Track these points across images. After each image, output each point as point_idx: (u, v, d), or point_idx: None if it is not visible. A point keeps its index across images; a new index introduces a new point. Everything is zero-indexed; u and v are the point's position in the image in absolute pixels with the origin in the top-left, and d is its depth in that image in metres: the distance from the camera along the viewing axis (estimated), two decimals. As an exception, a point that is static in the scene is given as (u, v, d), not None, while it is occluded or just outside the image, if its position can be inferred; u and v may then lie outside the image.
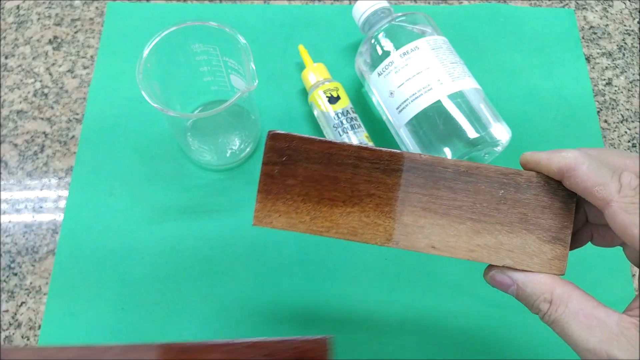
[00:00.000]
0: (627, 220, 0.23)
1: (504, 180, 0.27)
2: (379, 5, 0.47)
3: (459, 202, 0.27)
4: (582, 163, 0.24)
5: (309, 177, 0.27)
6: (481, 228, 0.27)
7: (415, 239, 0.27)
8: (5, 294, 0.43)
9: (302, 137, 0.27)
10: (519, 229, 0.27)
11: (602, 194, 0.24)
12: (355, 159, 0.27)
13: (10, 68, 0.52)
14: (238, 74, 0.44)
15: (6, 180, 0.47)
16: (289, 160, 0.27)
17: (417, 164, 0.27)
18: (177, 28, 0.41)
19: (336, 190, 0.27)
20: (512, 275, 0.26)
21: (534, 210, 0.27)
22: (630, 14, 0.57)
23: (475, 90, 0.42)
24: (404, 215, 0.27)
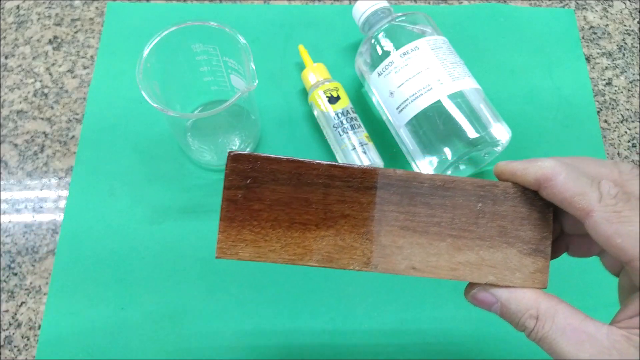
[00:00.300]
0: (610, 230, 0.22)
1: (481, 193, 0.26)
2: (379, 5, 0.47)
3: (437, 218, 0.26)
4: (560, 173, 0.24)
5: (277, 200, 0.25)
6: (462, 244, 0.26)
7: (395, 260, 0.25)
8: (5, 294, 0.43)
9: (267, 157, 0.25)
10: (499, 242, 0.26)
11: (582, 204, 0.23)
12: (326, 177, 0.25)
13: (10, 68, 0.52)
14: (238, 74, 0.44)
15: (6, 180, 0.47)
16: (253, 183, 0.25)
17: (392, 180, 0.26)
18: (177, 28, 0.41)
19: (308, 213, 0.25)
20: (494, 293, 0.25)
21: (513, 222, 0.26)
22: (630, 14, 0.57)
23: (475, 90, 0.42)
24: (381, 235, 0.25)
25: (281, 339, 0.41)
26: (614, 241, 0.22)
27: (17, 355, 0.41)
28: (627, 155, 0.49)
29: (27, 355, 0.41)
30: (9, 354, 0.41)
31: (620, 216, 0.22)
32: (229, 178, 0.25)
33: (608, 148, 0.49)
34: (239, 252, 0.25)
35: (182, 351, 0.41)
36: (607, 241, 0.22)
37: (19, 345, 0.41)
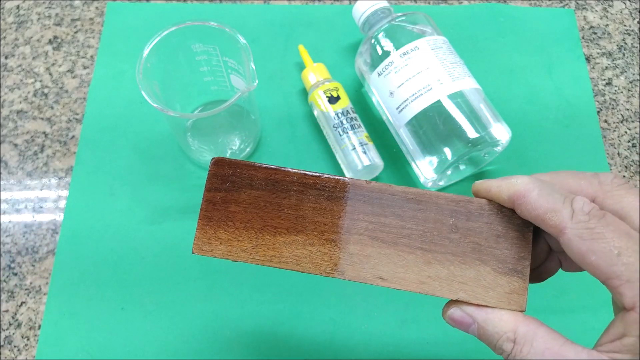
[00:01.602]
0: (583, 247, 0.21)
1: (455, 208, 0.26)
2: (379, 5, 0.47)
3: (408, 230, 0.26)
4: (532, 190, 0.23)
5: (252, 203, 0.26)
6: (432, 258, 0.25)
7: (362, 269, 0.25)
8: (5, 294, 0.43)
9: (246, 164, 0.27)
10: (472, 259, 0.25)
11: (555, 221, 0.22)
12: (300, 185, 0.26)
13: (10, 68, 0.52)
14: (238, 74, 0.44)
15: (6, 180, 0.47)
16: (232, 187, 0.27)
17: (364, 190, 0.26)
18: (177, 28, 0.41)
19: (280, 218, 0.26)
20: (471, 313, 0.25)
21: (488, 239, 0.25)
22: (630, 14, 0.57)
23: (475, 90, 0.42)
24: (350, 243, 0.26)
25: (281, 339, 0.41)
26: (589, 259, 0.21)
27: (17, 355, 0.41)
28: (627, 155, 0.49)
29: (27, 355, 0.41)
30: (9, 354, 0.41)
31: (593, 233, 0.21)
32: (210, 180, 0.27)
33: (608, 148, 0.49)
34: (213, 249, 0.26)
35: (182, 351, 0.41)
36: (582, 259, 0.22)
37: (19, 345, 0.41)
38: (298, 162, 0.48)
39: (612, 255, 0.21)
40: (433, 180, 0.43)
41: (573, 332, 0.41)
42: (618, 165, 0.48)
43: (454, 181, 0.47)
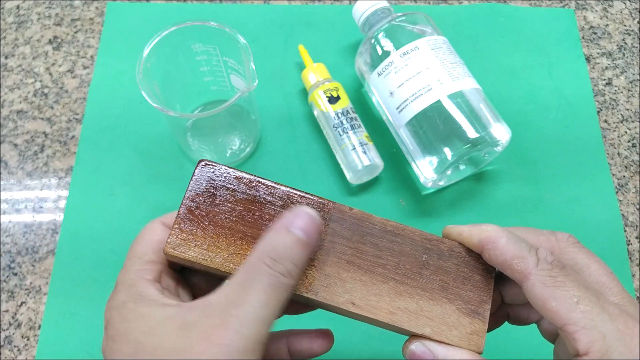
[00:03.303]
0: (545, 293, 0.23)
1: (428, 246, 0.27)
2: (379, 5, 0.47)
3: (384, 260, 0.26)
4: (501, 237, 0.25)
5: (235, 211, 0.26)
6: (403, 290, 0.26)
7: (336, 292, 0.26)
8: (5, 294, 0.43)
9: (231, 171, 0.27)
10: (440, 296, 0.26)
11: (521, 267, 0.24)
12: (284, 202, 0.27)
13: (10, 68, 0.52)
14: (238, 74, 0.44)
15: (6, 180, 0.47)
16: (216, 191, 0.26)
17: (346, 216, 0.27)
18: (177, 28, 0.41)
19: (260, 229, 0.26)
20: (433, 349, 0.25)
21: (455, 279, 0.26)
22: (630, 14, 0.57)
23: (475, 90, 0.42)
24: (326, 265, 0.26)
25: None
26: (549, 304, 0.23)
27: (17, 355, 0.41)
28: (627, 155, 0.49)
29: (27, 355, 0.41)
30: (9, 354, 0.41)
31: (556, 281, 0.23)
32: (195, 182, 0.27)
33: (608, 148, 0.49)
34: (187, 251, 0.25)
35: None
36: (542, 304, 0.23)
37: (19, 345, 0.41)
38: (298, 162, 0.48)
39: (571, 302, 0.22)
40: (433, 180, 0.43)
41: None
42: (618, 165, 0.48)
43: (454, 181, 0.47)
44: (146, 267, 0.25)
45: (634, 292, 0.43)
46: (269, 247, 0.23)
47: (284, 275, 0.23)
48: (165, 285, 0.25)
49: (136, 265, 0.25)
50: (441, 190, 0.47)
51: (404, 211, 0.46)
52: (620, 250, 0.45)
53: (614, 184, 0.47)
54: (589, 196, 0.47)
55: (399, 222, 0.27)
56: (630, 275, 0.44)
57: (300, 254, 0.24)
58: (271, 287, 0.22)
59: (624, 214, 0.46)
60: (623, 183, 0.48)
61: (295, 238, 0.23)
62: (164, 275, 0.26)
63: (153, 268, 0.25)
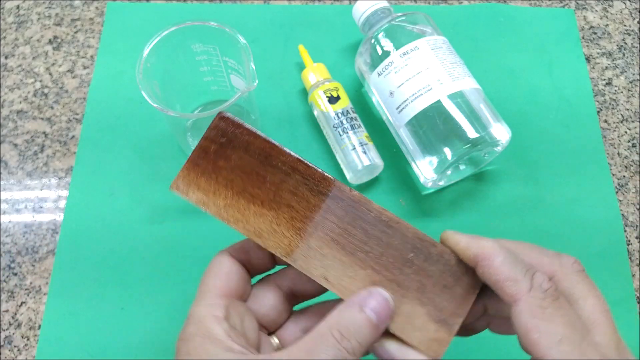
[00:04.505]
0: (530, 323, 0.22)
1: (418, 245, 0.26)
2: (379, 5, 0.47)
3: (368, 247, 0.26)
4: (498, 255, 0.24)
5: (240, 166, 0.27)
6: (378, 280, 0.26)
7: (313, 265, 0.26)
8: (5, 294, 0.43)
9: (248, 129, 0.27)
10: (413, 297, 0.26)
11: (512, 290, 0.23)
12: (290, 168, 0.27)
13: (10, 68, 0.52)
14: (238, 74, 0.44)
15: (6, 180, 0.47)
16: (227, 144, 0.27)
17: (344, 195, 0.27)
18: (177, 28, 0.41)
19: (260, 189, 0.27)
20: (389, 349, 0.25)
21: (435, 285, 0.26)
22: (630, 14, 0.57)
23: (475, 90, 0.42)
24: (312, 237, 0.27)
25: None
26: (532, 335, 0.22)
27: (17, 355, 0.41)
28: (627, 155, 0.49)
29: (27, 355, 0.41)
30: (9, 354, 0.41)
31: (544, 312, 0.22)
32: (210, 130, 0.27)
33: (608, 148, 0.49)
34: (189, 192, 0.27)
35: (182, 351, 0.41)
36: (525, 333, 0.22)
37: (19, 345, 0.41)
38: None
39: (553, 340, 0.22)
40: (433, 180, 0.43)
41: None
42: (618, 165, 0.48)
43: (454, 181, 0.47)
44: (216, 302, 0.26)
45: (634, 292, 0.43)
46: (340, 321, 0.24)
47: (349, 352, 0.23)
48: (233, 322, 0.26)
49: (207, 300, 0.26)
50: (441, 190, 0.47)
51: (404, 211, 0.46)
52: (620, 250, 0.45)
53: (614, 184, 0.47)
54: (589, 196, 0.47)
55: None
56: (630, 275, 0.44)
57: (368, 335, 0.24)
58: (334, 358, 0.23)
59: (624, 214, 0.46)
60: (623, 183, 0.48)
61: (367, 318, 0.24)
62: (232, 309, 0.26)
63: (222, 303, 0.26)
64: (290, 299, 0.30)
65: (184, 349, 0.24)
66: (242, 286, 0.28)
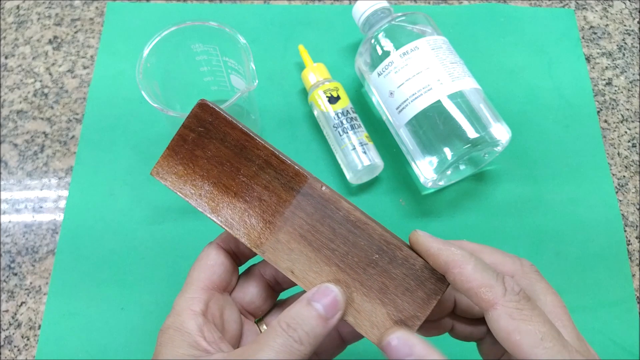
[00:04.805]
0: (511, 326, 0.23)
1: (384, 248, 0.27)
2: (379, 5, 0.47)
3: (335, 245, 0.27)
4: (469, 263, 0.24)
5: (216, 157, 0.28)
6: (342, 278, 0.27)
7: (280, 257, 0.27)
8: (5, 294, 0.43)
9: (225, 119, 0.27)
10: (375, 296, 0.26)
11: (488, 296, 0.24)
12: (263, 161, 0.27)
13: (10, 68, 0.52)
14: (238, 74, 0.44)
15: (6, 180, 0.47)
16: (205, 133, 0.28)
17: (315, 193, 0.27)
18: (177, 28, 0.41)
19: (234, 181, 0.28)
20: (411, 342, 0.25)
21: (397, 287, 0.26)
22: (630, 14, 0.57)
23: (475, 90, 0.42)
24: (281, 232, 0.27)
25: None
26: (514, 337, 0.23)
27: (17, 355, 0.41)
28: (627, 155, 0.49)
29: (27, 355, 0.41)
30: (9, 354, 0.41)
31: (522, 314, 0.23)
32: (189, 119, 0.28)
33: (608, 148, 0.49)
34: (168, 179, 0.28)
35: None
36: (506, 336, 0.23)
37: (19, 345, 0.41)
38: (298, 162, 0.47)
39: (536, 338, 0.22)
40: (433, 180, 0.43)
41: (573, 332, 0.41)
42: (618, 165, 0.48)
43: (454, 181, 0.47)
44: (196, 296, 0.27)
45: (634, 292, 0.43)
46: (288, 314, 0.25)
47: (296, 340, 0.24)
48: (211, 314, 0.27)
49: (188, 293, 0.27)
50: (441, 190, 0.47)
51: (404, 211, 0.46)
52: (620, 250, 0.45)
53: (614, 184, 0.47)
54: (589, 196, 0.47)
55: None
56: (630, 275, 0.44)
57: (316, 326, 0.25)
58: (283, 348, 0.24)
59: (624, 214, 0.46)
60: (623, 183, 0.48)
61: (314, 310, 0.25)
62: (212, 302, 0.27)
63: (202, 297, 0.27)
64: (275, 286, 0.31)
65: (159, 338, 0.26)
66: (226, 278, 0.29)
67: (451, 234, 0.45)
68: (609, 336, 0.41)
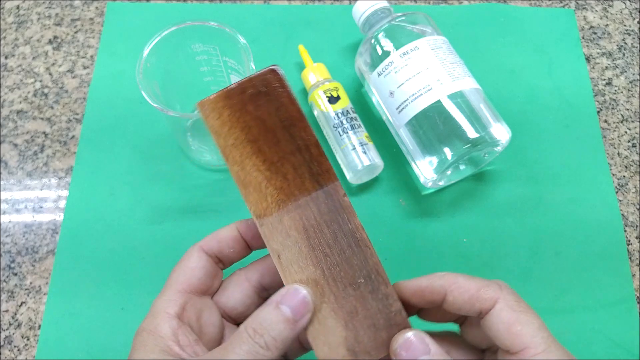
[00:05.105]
0: (512, 317, 0.24)
1: (372, 276, 0.27)
2: (379, 5, 0.47)
3: (330, 251, 0.27)
4: (458, 276, 0.26)
5: (264, 120, 0.28)
6: (321, 284, 0.26)
7: (274, 237, 0.27)
8: (5, 294, 0.43)
9: (289, 91, 0.28)
10: (342, 317, 0.26)
11: (490, 294, 0.25)
12: (304, 145, 0.28)
13: (10, 68, 0.52)
14: (238, 74, 0.44)
15: (6, 180, 0.47)
16: (265, 95, 0.28)
17: (335, 196, 0.27)
18: (177, 28, 0.41)
19: (269, 149, 0.28)
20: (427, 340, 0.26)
21: (365, 319, 0.26)
22: (630, 14, 0.57)
23: (475, 90, 0.42)
24: (288, 215, 0.27)
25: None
26: (515, 328, 0.24)
27: (17, 355, 0.41)
28: (627, 155, 0.49)
29: (27, 355, 0.41)
30: (9, 354, 0.41)
31: (520, 305, 0.25)
32: (256, 76, 0.28)
33: (608, 148, 0.49)
34: (210, 117, 0.28)
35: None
36: (507, 327, 0.24)
37: (19, 345, 0.41)
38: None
39: (534, 327, 0.24)
40: (433, 180, 0.43)
41: (573, 332, 0.42)
42: (618, 165, 0.48)
43: (454, 181, 0.47)
44: (173, 298, 0.27)
45: (634, 292, 0.43)
46: (256, 319, 0.25)
47: (262, 346, 0.24)
48: (187, 317, 0.27)
49: (166, 295, 0.28)
50: (441, 190, 0.47)
51: (404, 211, 0.46)
52: (620, 250, 0.45)
53: (614, 184, 0.47)
54: (589, 196, 0.47)
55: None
56: (630, 275, 0.44)
57: (283, 329, 0.24)
58: (249, 355, 0.24)
59: (624, 214, 0.46)
60: (623, 183, 0.48)
61: (281, 314, 0.25)
62: (189, 305, 0.27)
63: (178, 300, 0.27)
64: (260, 292, 0.30)
65: (134, 340, 0.27)
66: (206, 282, 0.29)
67: (451, 233, 0.45)
68: (609, 336, 0.41)
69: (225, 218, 0.45)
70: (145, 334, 0.26)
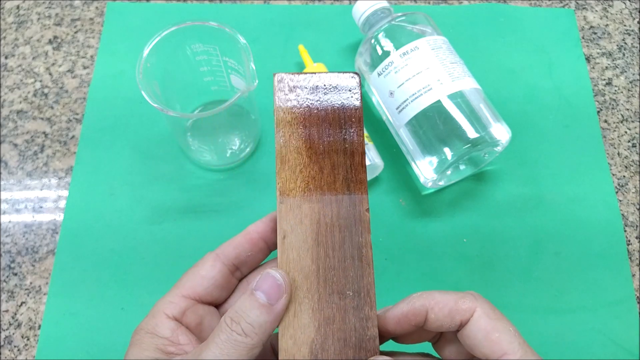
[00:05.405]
0: (490, 325, 0.24)
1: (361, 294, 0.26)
2: (379, 5, 0.47)
3: (332, 254, 0.27)
4: (433, 293, 0.26)
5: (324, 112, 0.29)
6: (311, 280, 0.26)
7: (287, 218, 0.27)
8: (5, 294, 0.43)
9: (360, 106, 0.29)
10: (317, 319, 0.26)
11: (468, 304, 0.25)
12: (350, 150, 0.28)
13: (10, 68, 0.52)
14: (238, 74, 0.44)
15: (6, 180, 0.47)
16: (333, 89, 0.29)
17: (359, 207, 0.28)
18: (177, 28, 0.41)
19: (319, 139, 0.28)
20: None
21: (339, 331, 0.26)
22: (630, 14, 0.57)
23: (475, 90, 0.42)
24: (308, 204, 0.27)
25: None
26: (493, 335, 0.24)
27: (17, 355, 0.41)
28: (627, 155, 0.49)
29: (27, 355, 0.41)
30: (9, 354, 0.41)
31: (496, 313, 0.25)
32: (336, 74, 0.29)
33: (608, 148, 0.49)
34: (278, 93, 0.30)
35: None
36: (486, 335, 0.24)
37: (19, 345, 0.41)
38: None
39: (511, 334, 0.24)
40: (433, 180, 0.43)
41: (573, 332, 0.42)
42: (618, 165, 0.48)
43: (454, 181, 0.47)
44: (175, 301, 0.28)
45: (634, 292, 0.43)
46: (232, 308, 0.25)
47: (239, 334, 0.24)
48: (187, 321, 0.27)
49: (169, 297, 0.28)
50: (441, 190, 0.47)
51: (404, 211, 0.46)
52: (620, 250, 0.45)
53: (614, 184, 0.47)
54: (589, 196, 0.47)
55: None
56: (630, 275, 0.44)
57: (260, 314, 0.24)
58: (227, 343, 0.24)
59: (624, 214, 0.46)
60: (623, 183, 0.48)
61: (255, 300, 0.25)
62: (190, 312, 0.28)
63: (181, 304, 0.28)
64: None
65: (132, 338, 0.27)
66: (212, 292, 0.29)
67: (451, 233, 0.45)
68: (609, 336, 0.41)
69: (225, 218, 0.45)
70: (143, 333, 0.26)
